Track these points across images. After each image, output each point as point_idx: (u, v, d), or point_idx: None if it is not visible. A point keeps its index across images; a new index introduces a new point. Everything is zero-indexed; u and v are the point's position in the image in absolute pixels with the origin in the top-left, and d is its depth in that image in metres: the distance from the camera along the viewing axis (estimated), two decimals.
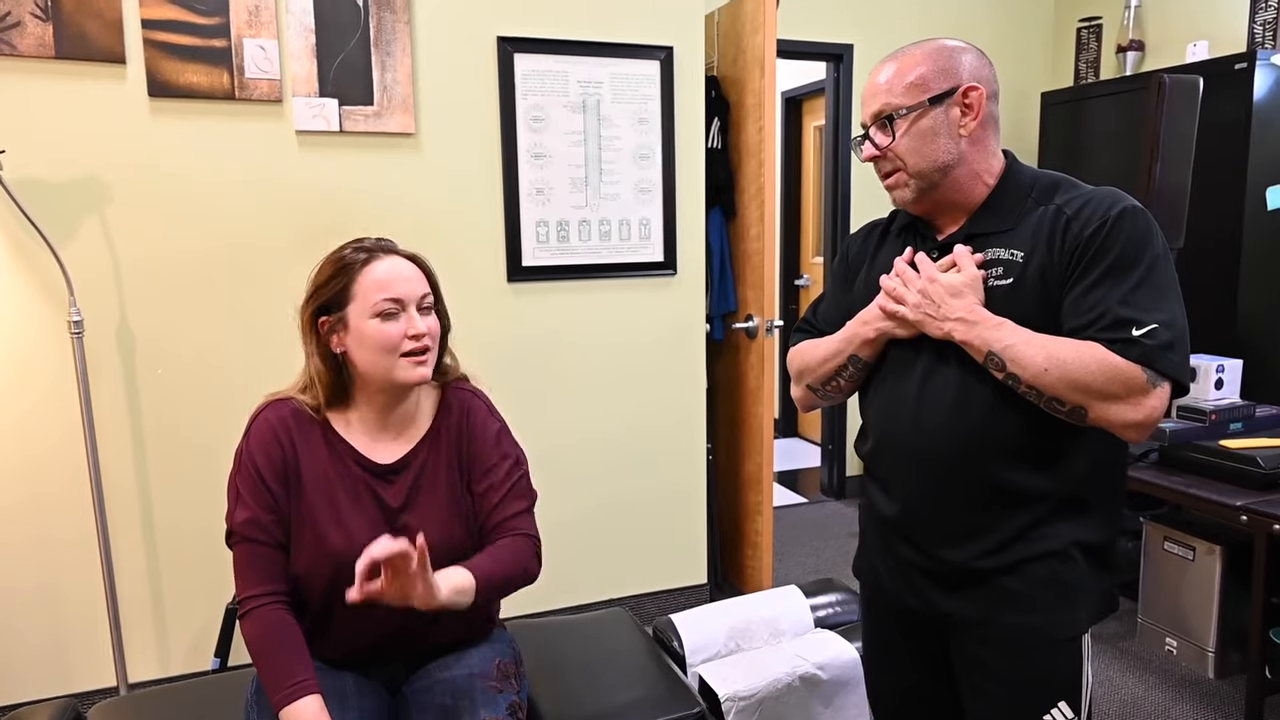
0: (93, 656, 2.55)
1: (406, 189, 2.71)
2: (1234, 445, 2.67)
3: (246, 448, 1.50)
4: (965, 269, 1.32)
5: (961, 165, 1.34)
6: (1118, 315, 1.22)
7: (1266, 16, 3.54)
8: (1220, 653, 2.76)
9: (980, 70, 1.34)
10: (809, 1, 4.12)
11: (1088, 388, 1.21)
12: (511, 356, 2.90)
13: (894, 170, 1.38)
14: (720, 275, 3.40)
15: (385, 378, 1.47)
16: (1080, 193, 1.31)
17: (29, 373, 2.41)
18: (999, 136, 1.39)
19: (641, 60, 2.92)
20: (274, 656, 1.42)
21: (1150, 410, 1.21)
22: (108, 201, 2.42)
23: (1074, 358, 1.22)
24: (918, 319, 1.34)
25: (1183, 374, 1.22)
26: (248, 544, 1.47)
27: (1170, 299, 1.24)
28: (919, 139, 1.33)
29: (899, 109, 1.33)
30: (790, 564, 3.83)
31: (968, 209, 1.38)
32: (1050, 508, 1.32)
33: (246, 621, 1.45)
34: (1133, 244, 1.24)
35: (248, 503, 1.47)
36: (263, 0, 2.47)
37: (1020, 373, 1.25)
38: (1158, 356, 1.20)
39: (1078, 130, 3.98)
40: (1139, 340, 1.20)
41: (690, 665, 2.17)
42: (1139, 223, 1.26)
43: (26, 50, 2.29)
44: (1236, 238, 3.31)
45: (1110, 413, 1.22)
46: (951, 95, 1.32)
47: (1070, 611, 1.34)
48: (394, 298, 1.45)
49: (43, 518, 2.47)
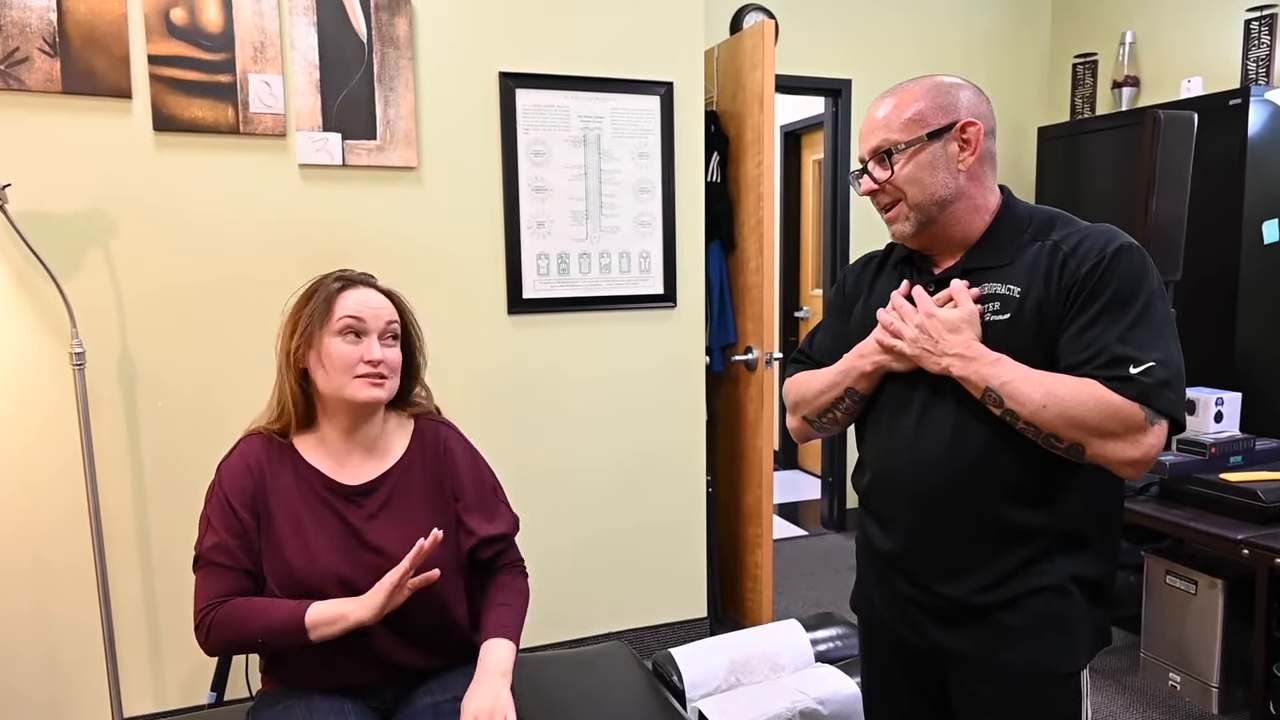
0: (88, 689, 2.53)
1: (409, 222, 2.73)
2: (1234, 478, 2.67)
3: (219, 480, 1.55)
4: (962, 304, 1.33)
5: (960, 200, 1.35)
6: (1115, 353, 1.22)
7: (1260, 53, 3.59)
8: (1224, 688, 2.73)
9: (977, 106, 1.36)
10: (807, 38, 4.18)
11: (1085, 425, 1.21)
12: (512, 388, 2.90)
13: (894, 203, 1.38)
14: (720, 308, 3.42)
15: (339, 395, 1.52)
16: (1077, 229, 1.32)
17: (30, 403, 2.42)
18: (996, 172, 1.40)
19: (642, 95, 2.96)
20: (258, 610, 1.47)
21: (1148, 448, 1.21)
22: (112, 234, 2.44)
23: (1071, 395, 1.22)
24: (915, 354, 1.34)
25: (1179, 411, 1.23)
26: (211, 567, 1.50)
27: (1166, 336, 1.24)
28: (920, 171, 1.34)
29: (897, 144, 1.34)
30: (790, 597, 3.81)
31: (965, 243, 1.39)
32: (1048, 543, 1.32)
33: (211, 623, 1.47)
34: (1129, 281, 1.25)
35: (215, 529, 1.51)
36: (268, 36, 2.51)
37: (1018, 409, 1.25)
38: (1155, 394, 1.20)
39: (1074, 165, 4.02)
40: (1136, 378, 1.20)
41: (690, 700, 2.16)
42: (1135, 260, 1.26)
43: (34, 85, 2.32)
44: (1234, 271, 3.33)
45: (1108, 450, 1.22)
46: (949, 130, 1.33)
47: (1068, 647, 1.33)
48: (357, 316, 1.52)
49: (41, 548, 2.46)
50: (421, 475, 1.61)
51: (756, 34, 3.12)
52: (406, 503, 1.58)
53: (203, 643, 1.49)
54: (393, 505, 1.57)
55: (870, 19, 4.26)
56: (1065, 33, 4.56)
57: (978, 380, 1.28)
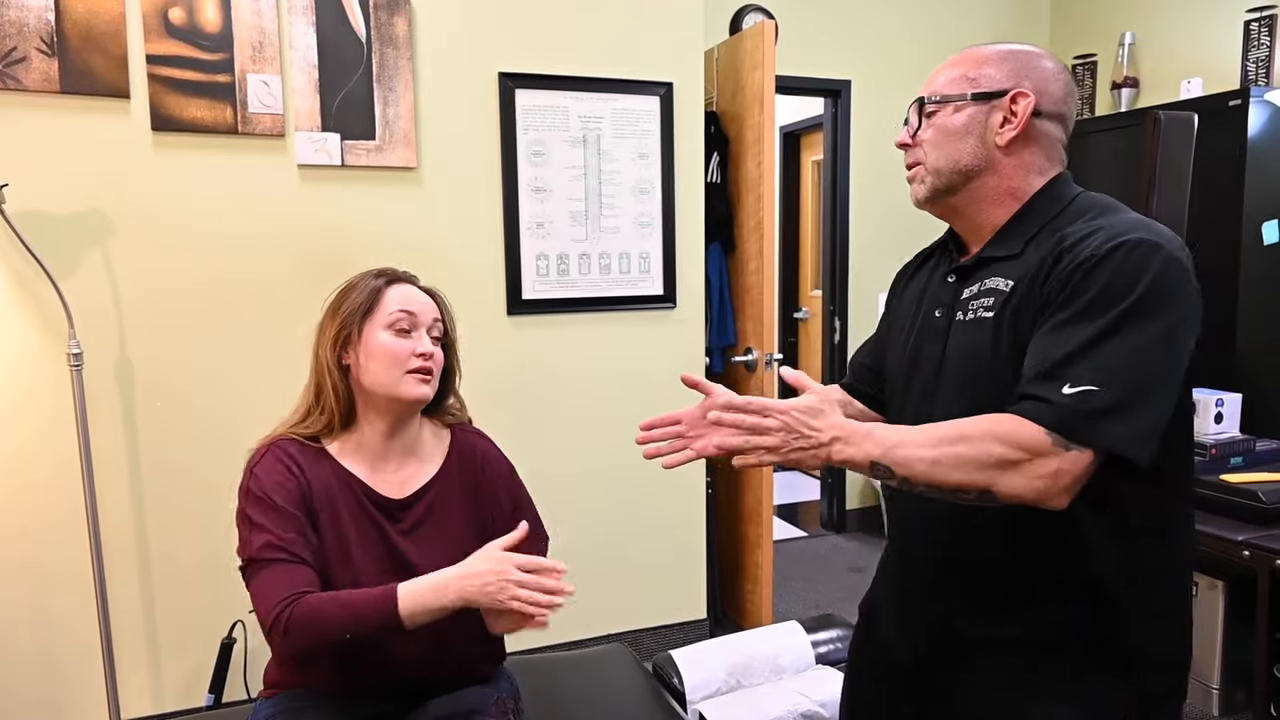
0: (85, 691, 2.52)
1: (408, 222, 2.72)
2: (1235, 479, 2.66)
3: (255, 480, 1.43)
4: (807, 387, 1.17)
5: (990, 174, 1.22)
6: (1054, 369, 1.05)
7: (1259, 54, 3.59)
8: (1225, 690, 2.73)
9: (1043, 80, 1.21)
10: (807, 38, 4.17)
11: (985, 460, 1.04)
12: (511, 389, 2.89)
13: (916, 163, 1.28)
14: (720, 308, 3.41)
15: (389, 392, 1.46)
16: (1101, 221, 1.13)
17: (27, 404, 2.41)
18: (1053, 157, 1.26)
19: (642, 96, 2.95)
20: (340, 603, 1.32)
21: (1055, 473, 1.03)
22: (109, 235, 2.43)
23: (962, 434, 1.06)
24: (790, 457, 1.13)
25: (1118, 444, 1.02)
26: (271, 566, 1.36)
27: (1137, 355, 1.04)
28: (946, 134, 1.23)
29: (937, 96, 1.24)
30: (790, 598, 3.80)
31: (993, 228, 1.24)
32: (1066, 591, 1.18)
33: (289, 622, 1.30)
34: (1119, 283, 1.05)
35: (264, 527, 1.38)
36: (266, 36, 2.50)
37: (910, 474, 1.08)
38: (1082, 424, 1.02)
39: (1073, 166, 3.96)
40: (1062, 403, 1.03)
41: (690, 703, 2.15)
42: (1135, 258, 1.06)
43: (32, 85, 2.31)
44: (1234, 272, 3.32)
45: (1015, 484, 1.04)
46: (999, 97, 1.20)
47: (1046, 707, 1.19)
48: (409, 311, 1.48)
49: (38, 550, 2.45)
50: (460, 489, 1.57)
51: (756, 34, 3.11)
52: (445, 518, 1.53)
53: (279, 645, 1.33)
54: (430, 521, 1.52)
55: (870, 19, 4.26)
56: (1064, 34, 4.56)
57: (863, 458, 1.10)
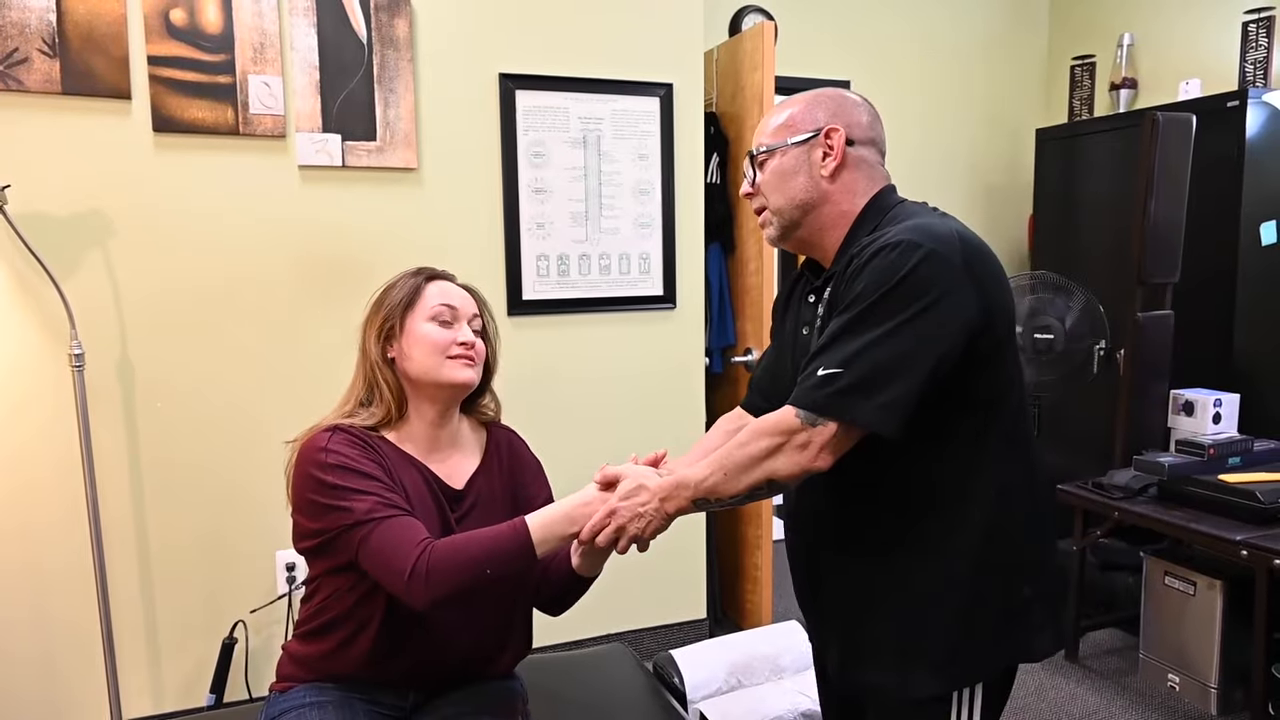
0: (86, 691, 2.52)
1: (408, 223, 2.73)
2: (1233, 479, 2.67)
3: (332, 455, 1.40)
4: (617, 474, 1.38)
5: (824, 204, 1.35)
6: (810, 361, 1.22)
7: (1257, 55, 3.60)
8: (1223, 689, 2.74)
9: (849, 115, 1.35)
10: (807, 38, 4.17)
11: (759, 455, 1.22)
12: (511, 389, 2.87)
13: (761, 208, 1.41)
14: (719, 309, 3.42)
15: (434, 378, 1.49)
16: (891, 228, 1.26)
17: (29, 404, 2.41)
18: (874, 177, 1.38)
19: (642, 97, 2.95)
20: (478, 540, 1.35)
21: (807, 444, 1.19)
22: (111, 235, 2.44)
23: (739, 443, 1.24)
24: (641, 530, 1.33)
25: (852, 414, 1.17)
26: (386, 520, 1.35)
27: (875, 338, 1.17)
28: (779, 177, 1.36)
29: (764, 147, 1.38)
30: (790, 599, 3.80)
31: (835, 248, 1.37)
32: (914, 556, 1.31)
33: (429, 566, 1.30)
34: (872, 283, 1.19)
35: (366, 491, 1.37)
36: (267, 37, 2.50)
37: (721, 494, 1.26)
38: (823, 402, 1.18)
39: (1072, 167, 4.02)
40: (809, 385, 1.20)
41: (691, 702, 2.16)
42: (889, 259, 1.19)
43: (33, 86, 2.31)
44: (1231, 273, 3.33)
45: (780, 464, 1.21)
46: (815, 136, 1.34)
47: (924, 670, 1.29)
48: (449, 304, 1.54)
49: (39, 549, 2.45)
50: (500, 481, 1.61)
51: (756, 35, 3.12)
52: (490, 510, 1.55)
53: (421, 591, 1.30)
54: (476, 512, 1.54)
55: (870, 20, 4.26)
56: (1063, 34, 4.56)
57: (684, 502, 1.29)
